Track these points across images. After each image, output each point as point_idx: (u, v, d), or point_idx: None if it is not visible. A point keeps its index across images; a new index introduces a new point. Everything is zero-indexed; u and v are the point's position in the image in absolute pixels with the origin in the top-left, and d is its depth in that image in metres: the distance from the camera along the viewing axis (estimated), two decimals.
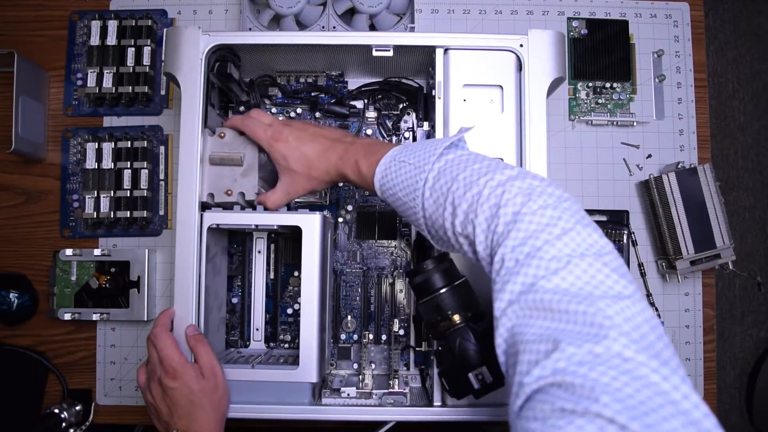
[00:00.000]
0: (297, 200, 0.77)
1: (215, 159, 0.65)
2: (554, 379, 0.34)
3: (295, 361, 0.66)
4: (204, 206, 0.65)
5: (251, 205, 0.66)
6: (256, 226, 0.65)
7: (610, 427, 0.30)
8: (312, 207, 0.76)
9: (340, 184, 0.78)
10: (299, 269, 0.75)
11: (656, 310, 0.79)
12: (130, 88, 0.78)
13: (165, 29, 0.69)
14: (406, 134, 0.78)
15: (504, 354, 0.41)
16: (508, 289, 0.41)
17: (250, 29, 0.76)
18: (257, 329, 0.75)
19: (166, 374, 0.58)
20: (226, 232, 0.74)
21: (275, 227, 0.66)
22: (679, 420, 0.30)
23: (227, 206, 0.65)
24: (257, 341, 0.75)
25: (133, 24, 0.79)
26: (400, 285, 0.77)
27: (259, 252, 0.76)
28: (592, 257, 0.39)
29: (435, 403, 0.63)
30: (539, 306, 0.38)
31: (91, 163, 0.77)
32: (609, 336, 0.34)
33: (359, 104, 0.78)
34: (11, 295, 0.77)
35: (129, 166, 0.77)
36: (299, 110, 0.78)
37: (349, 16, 0.79)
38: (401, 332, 0.75)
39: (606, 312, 0.36)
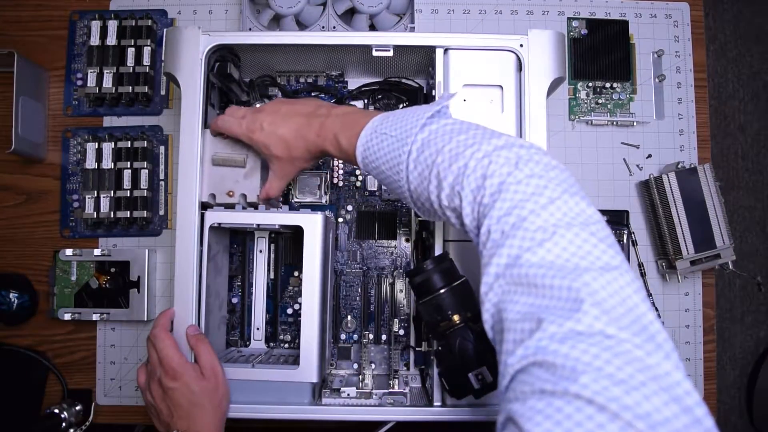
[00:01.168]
0: (297, 200, 0.77)
1: (218, 160, 0.65)
2: (536, 359, 0.33)
3: (295, 361, 0.66)
4: (204, 206, 0.65)
5: (253, 206, 0.66)
6: (258, 225, 0.65)
7: (589, 408, 0.29)
8: (313, 207, 0.76)
9: (340, 184, 0.78)
10: (299, 269, 0.75)
11: (656, 310, 0.79)
12: (130, 88, 0.78)
13: (165, 29, 0.69)
14: None
15: (491, 330, 0.41)
16: (494, 262, 0.40)
17: (250, 29, 0.76)
18: (258, 329, 0.75)
19: (165, 374, 0.58)
20: (228, 232, 0.74)
21: (277, 227, 0.66)
22: (661, 398, 0.30)
23: (229, 205, 0.65)
24: (257, 341, 0.75)
25: (133, 24, 0.79)
26: (400, 285, 0.77)
27: (260, 252, 0.76)
28: (578, 227, 0.38)
29: (435, 403, 0.63)
30: (524, 281, 0.38)
31: (91, 163, 0.77)
32: (590, 313, 0.34)
33: (359, 104, 0.78)
34: (11, 295, 0.77)
35: (129, 166, 0.77)
36: None
37: (349, 17, 0.79)
38: (401, 332, 0.75)
39: (591, 286, 0.35)
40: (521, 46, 0.64)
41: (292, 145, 0.58)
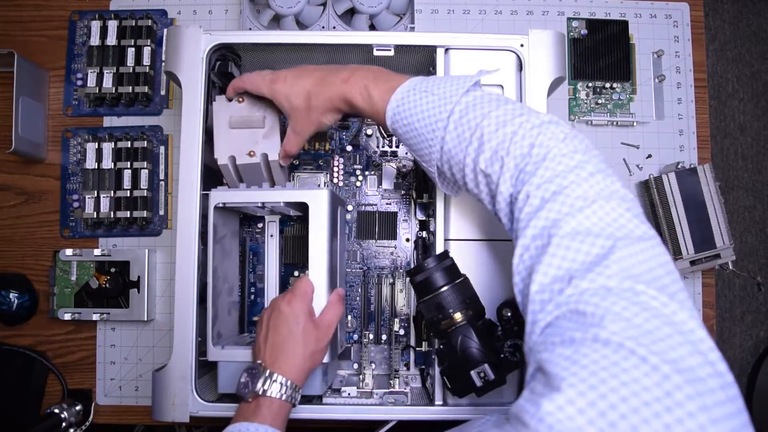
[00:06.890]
0: None
1: (237, 121, 0.64)
2: (568, 308, 0.35)
3: None
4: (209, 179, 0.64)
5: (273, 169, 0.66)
6: (263, 204, 0.64)
7: (619, 352, 0.31)
8: None
9: (340, 184, 0.78)
10: (299, 269, 0.76)
11: None
12: (130, 88, 0.78)
13: (165, 29, 0.69)
14: None
15: (520, 294, 0.42)
16: (532, 224, 0.41)
17: (249, 29, 0.76)
18: None
19: (284, 297, 0.57)
20: (237, 215, 0.73)
21: (282, 204, 0.64)
22: (686, 348, 0.32)
23: (232, 185, 0.66)
24: None
25: (133, 24, 0.79)
26: (400, 285, 0.77)
27: (272, 236, 0.75)
28: (616, 201, 0.40)
29: (436, 402, 0.63)
30: (560, 243, 0.39)
31: (91, 163, 0.77)
32: (620, 274, 0.35)
33: None
34: (11, 295, 0.77)
35: (129, 166, 0.77)
36: None
37: (349, 17, 0.79)
38: (401, 332, 0.75)
39: (622, 253, 0.37)
40: (521, 46, 0.64)
41: (313, 93, 0.58)
